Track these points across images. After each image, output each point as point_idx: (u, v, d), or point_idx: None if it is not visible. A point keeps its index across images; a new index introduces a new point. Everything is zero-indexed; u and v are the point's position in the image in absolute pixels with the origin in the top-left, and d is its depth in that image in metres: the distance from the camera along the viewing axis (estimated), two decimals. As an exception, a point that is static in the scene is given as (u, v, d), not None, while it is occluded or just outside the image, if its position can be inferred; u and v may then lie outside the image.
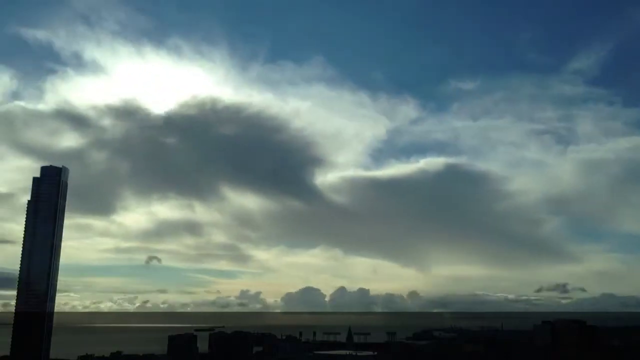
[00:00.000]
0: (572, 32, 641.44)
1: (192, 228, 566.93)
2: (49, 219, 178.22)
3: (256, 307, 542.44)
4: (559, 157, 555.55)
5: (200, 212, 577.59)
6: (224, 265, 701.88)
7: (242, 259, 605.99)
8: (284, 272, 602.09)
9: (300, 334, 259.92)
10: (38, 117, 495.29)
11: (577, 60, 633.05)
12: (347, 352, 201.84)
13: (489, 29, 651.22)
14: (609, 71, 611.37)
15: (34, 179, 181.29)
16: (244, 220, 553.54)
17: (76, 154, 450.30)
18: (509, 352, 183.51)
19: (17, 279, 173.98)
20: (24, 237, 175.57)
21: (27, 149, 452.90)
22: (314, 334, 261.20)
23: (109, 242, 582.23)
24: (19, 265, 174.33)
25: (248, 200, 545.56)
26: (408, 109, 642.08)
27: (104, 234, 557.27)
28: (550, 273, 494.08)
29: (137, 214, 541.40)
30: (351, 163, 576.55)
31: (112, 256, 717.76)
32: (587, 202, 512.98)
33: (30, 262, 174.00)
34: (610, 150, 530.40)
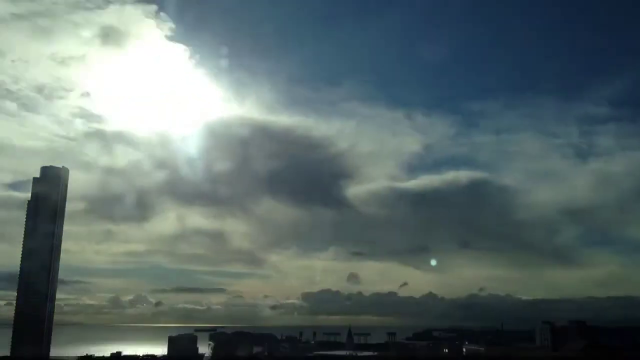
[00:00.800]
0: (599, 56, 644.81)
1: (217, 235, 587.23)
2: (49, 219, 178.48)
3: (275, 309, 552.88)
4: (578, 170, 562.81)
5: (230, 220, 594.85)
6: (241, 268, 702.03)
7: (259, 262, 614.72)
8: (301, 274, 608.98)
9: (300, 334, 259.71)
10: (98, 136, 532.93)
11: (603, 84, 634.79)
12: (347, 352, 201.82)
13: (516, 53, 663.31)
14: (636, 92, 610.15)
15: (34, 179, 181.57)
16: (269, 227, 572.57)
17: (127, 170, 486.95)
18: (509, 352, 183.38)
19: (17, 279, 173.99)
20: (24, 237, 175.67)
21: (84, 165, 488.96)
22: (314, 334, 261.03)
23: (133, 247, 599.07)
24: (19, 265, 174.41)
25: (278, 211, 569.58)
26: (440, 126, 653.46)
27: (131, 239, 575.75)
28: (567, 276, 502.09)
29: (168, 223, 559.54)
30: (383, 176, 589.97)
31: (132, 259, 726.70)
32: (604, 211, 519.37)
33: (30, 262, 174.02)
34: (631, 163, 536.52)
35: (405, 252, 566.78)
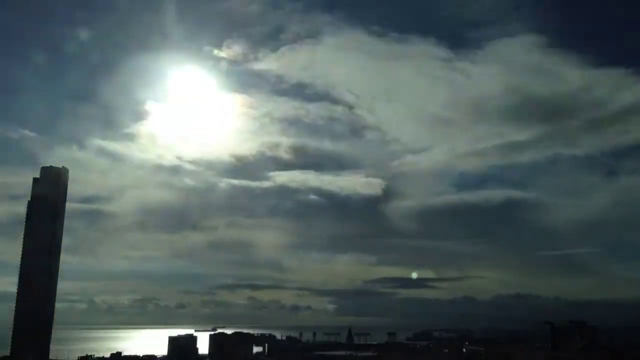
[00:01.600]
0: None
1: (246, 244, 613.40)
2: (49, 219, 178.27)
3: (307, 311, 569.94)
4: (604, 187, 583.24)
5: (259, 232, 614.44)
6: (267, 273, 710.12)
7: (284, 268, 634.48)
8: (323, 278, 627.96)
9: (301, 334, 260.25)
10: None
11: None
12: (347, 352, 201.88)
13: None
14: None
15: (34, 179, 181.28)
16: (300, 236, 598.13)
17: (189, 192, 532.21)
18: (509, 352, 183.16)
19: (17, 279, 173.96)
20: (24, 237, 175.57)
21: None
22: (314, 334, 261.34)
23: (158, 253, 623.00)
24: (19, 266, 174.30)
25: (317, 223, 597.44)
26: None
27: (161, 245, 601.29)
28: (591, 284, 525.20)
29: (199, 233, 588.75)
30: (423, 194, 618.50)
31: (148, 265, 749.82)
32: (626, 227, 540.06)
33: (30, 262, 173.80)
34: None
35: (431, 263, 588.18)
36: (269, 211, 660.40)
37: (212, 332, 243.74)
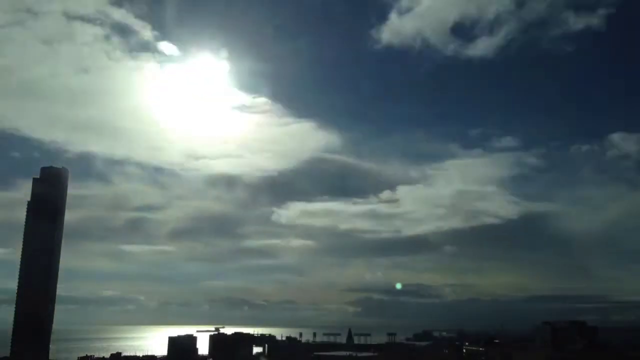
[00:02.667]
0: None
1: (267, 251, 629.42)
2: (49, 219, 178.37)
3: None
4: (619, 198, 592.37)
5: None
6: (281, 276, 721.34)
7: (299, 271, 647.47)
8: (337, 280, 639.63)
9: (301, 334, 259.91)
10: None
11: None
12: (347, 352, 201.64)
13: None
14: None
15: (34, 179, 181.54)
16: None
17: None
18: (509, 352, 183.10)
19: (17, 280, 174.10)
20: (23, 238, 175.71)
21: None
22: (314, 334, 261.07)
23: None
24: (19, 266, 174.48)
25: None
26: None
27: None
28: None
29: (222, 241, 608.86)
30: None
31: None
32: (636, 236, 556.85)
33: (30, 263, 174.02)
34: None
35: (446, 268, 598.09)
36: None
37: (212, 332, 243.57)
